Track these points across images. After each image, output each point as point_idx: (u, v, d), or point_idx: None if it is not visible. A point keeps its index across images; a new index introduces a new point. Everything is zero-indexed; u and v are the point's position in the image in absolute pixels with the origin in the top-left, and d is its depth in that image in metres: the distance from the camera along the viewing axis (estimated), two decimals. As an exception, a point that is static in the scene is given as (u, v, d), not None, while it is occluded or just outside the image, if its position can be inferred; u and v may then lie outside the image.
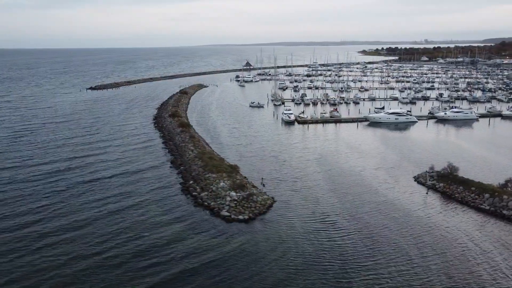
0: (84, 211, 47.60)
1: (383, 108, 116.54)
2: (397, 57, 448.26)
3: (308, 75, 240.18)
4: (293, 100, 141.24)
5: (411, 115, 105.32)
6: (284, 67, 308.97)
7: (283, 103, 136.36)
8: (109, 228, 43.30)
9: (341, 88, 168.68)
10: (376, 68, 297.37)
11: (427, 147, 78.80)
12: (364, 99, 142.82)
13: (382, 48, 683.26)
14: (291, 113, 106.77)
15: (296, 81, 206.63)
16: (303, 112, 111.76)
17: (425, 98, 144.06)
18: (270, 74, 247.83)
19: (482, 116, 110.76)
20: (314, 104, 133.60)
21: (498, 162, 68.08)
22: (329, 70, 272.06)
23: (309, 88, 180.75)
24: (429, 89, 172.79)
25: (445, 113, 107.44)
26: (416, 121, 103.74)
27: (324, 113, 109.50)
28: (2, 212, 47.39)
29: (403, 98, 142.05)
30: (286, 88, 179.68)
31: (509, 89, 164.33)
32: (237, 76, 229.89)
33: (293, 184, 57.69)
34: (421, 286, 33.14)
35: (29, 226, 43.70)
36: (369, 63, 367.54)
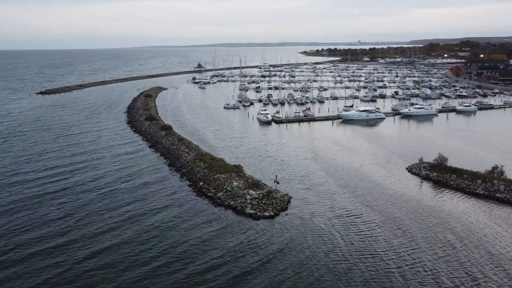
0: (111, 228, 44.37)
1: (351, 106, 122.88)
2: (339, 58, 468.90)
3: (263, 76, 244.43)
4: (260, 101, 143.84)
5: (380, 112, 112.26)
6: (235, 68, 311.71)
7: (251, 103, 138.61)
8: (147, 240, 41.41)
9: (302, 88, 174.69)
10: (324, 69, 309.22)
11: (405, 141, 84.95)
12: (327, 98, 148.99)
13: (323, 49, 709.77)
14: (268, 113, 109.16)
15: (254, 82, 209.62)
16: (278, 112, 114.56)
17: (383, 96, 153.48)
18: (224, 75, 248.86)
19: (440, 111, 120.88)
20: (282, 104, 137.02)
21: (472, 152, 75.31)
22: (281, 71, 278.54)
23: (269, 88, 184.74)
24: (381, 87, 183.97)
25: (409, 110, 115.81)
26: (384, 118, 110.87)
27: (298, 112, 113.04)
28: (30, 233, 43.50)
29: (364, 96, 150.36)
30: (248, 89, 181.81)
31: (452, 86, 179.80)
32: (194, 78, 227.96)
33: (302, 181, 59.81)
34: (465, 270, 36.76)
35: (65, 246, 40.75)
36: (316, 63, 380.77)
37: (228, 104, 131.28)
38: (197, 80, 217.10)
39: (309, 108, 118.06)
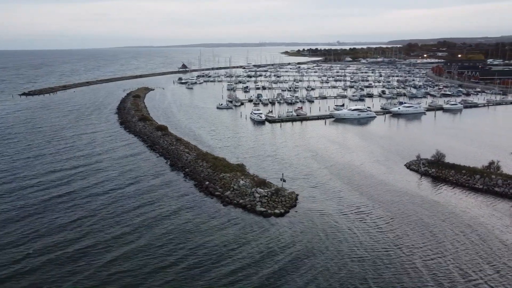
0: (127, 232, 43.61)
1: (343, 105, 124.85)
2: (321, 58, 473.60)
3: (249, 76, 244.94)
4: (250, 101, 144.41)
5: (371, 111, 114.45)
6: (219, 68, 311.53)
7: (242, 103, 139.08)
8: (167, 243, 41.06)
9: (290, 88, 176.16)
10: (309, 69, 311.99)
11: (399, 139, 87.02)
12: (317, 98, 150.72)
13: (304, 49, 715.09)
14: (261, 113, 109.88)
15: (241, 82, 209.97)
16: (271, 112, 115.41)
17: (370, 95, 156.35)
18: (210, 76, 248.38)
19: (428, 110, 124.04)
20: (272, 103, 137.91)
21: (464, 148, 77.79)
22: (266, 71, 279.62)
23: (257, 88, 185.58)
24: (367, 87, 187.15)
25: (399, 108, 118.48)
26: (375, 116, 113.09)
27: (291, 112, 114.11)
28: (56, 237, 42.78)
29: (353, 95, 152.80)
30: (235, 89, 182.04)
31: (435, 85, 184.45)
32: (180, 79, 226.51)
33: (306, 180, 60.59)
34: (485, 261, 38.13)
35: (90, 249, 40.30)
36: (299, 63, 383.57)
37: (221, 104, 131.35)
38: (183, 81, 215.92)
39: (301, 108, 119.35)
